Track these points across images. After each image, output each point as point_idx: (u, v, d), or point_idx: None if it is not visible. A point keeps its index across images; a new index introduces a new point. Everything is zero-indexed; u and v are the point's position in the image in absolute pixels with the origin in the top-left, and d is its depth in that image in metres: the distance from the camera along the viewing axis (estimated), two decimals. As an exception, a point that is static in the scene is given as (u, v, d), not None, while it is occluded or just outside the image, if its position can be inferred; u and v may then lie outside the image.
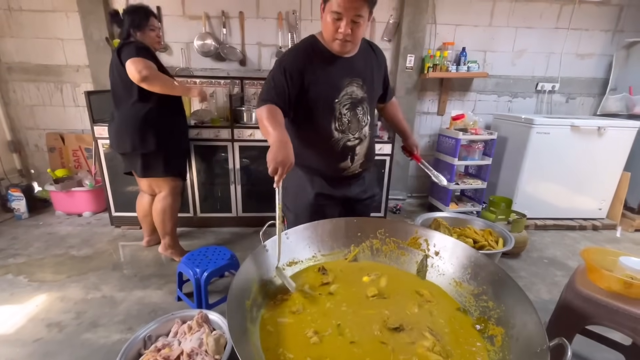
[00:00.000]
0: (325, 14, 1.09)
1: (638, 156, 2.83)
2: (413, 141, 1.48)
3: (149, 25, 1.92)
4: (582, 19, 3.05)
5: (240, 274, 0.87)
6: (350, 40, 1.11)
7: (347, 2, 1.02)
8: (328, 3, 1.06)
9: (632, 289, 1.13)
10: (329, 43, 1.14)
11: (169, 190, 2.11)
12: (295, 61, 1.16)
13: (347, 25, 1.06)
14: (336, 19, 1.06)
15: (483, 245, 1.40)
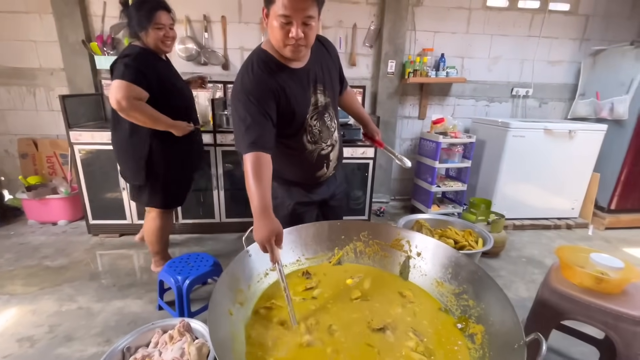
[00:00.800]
0: (270, 20, 0.98)
1: (606, 158, 2.99)
2: (373, 127, 1.46)
3: (153, 22, 1.59)
4: (552, 28, 3.20)
5: (222, 280, 0.86)
6: (304, 44, 1.01)
7: (295, 3, 0.92)
8: (272, 7, 0.95)
9: (603, 284, 1.18)
10: (280, 50, 1.03)
11: (157, 213, 1.92)
12: (262, 86, 1.03)
13: (298, 29, 0.96)
14: (285, 23, 0.96)
15: (463, 245, 1.44)
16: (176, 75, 1.84)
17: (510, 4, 3.11)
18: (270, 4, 0.96)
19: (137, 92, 1.55)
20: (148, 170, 1.75)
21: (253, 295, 0.97)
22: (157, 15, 1.60)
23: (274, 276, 1.06)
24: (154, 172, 1.76)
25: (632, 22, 3.26)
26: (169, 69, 1.78)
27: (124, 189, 2.52)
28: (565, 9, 3.17)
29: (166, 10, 1.64)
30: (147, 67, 1.59)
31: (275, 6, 0.94)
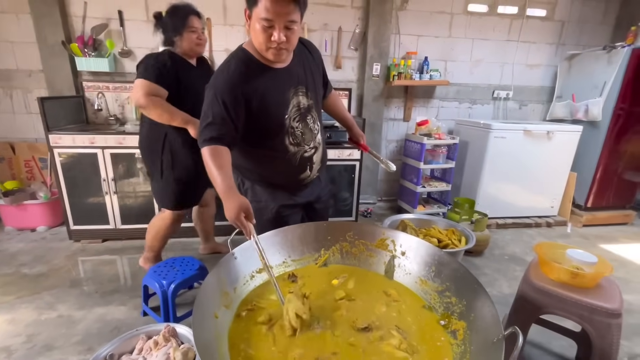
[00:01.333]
0: (253, 22, 0.99)
1: (582, 158, 3.11)
2: (358, 131, 1.45)
3: (187, 26, 1.72)
4: (530, 33, 3.32)
5: (207, 284, 0.85)
6: (286, 47, 1.02)
7: (278, 7, 0.92)
8: (255, 9, 0.95)
9: (578, 278, 1.23)
10: (262, 52, 1.04)
11: (168, 214, 1.94)
12: (234, 89, 1.04)
13: (280, 32, 0.97)
14: (267, 27, 0.96)
15: (447, 244, 1.47)
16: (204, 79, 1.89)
17: (490, 9, 3.20)
18: (253, 7, 0.96)
19: (155, 89, 1.63)
20: (161, 168, 1.82)
21: (239, 298, 0.97)
22: (191, 20, 1.71)
23: (260, 279, 1.06)
24: (165, 170, 1.83)
25: (605, 28, 3.41)
26: (197, 73, 1.82)
27: (106, 193, 2.47)
28: (542, 14, 3.29)
29: (197, 15, 1.76)
30: (167, 68, 1.67)
31: (258, 9, 0.95)
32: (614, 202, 3.19)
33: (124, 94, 2.83)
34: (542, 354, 1.60)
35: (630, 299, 2.05)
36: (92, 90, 2.79)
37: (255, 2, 0.95)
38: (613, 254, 2.66)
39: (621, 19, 3.32)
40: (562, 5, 3.29)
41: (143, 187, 2.53)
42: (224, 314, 0.87)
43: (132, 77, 2.85)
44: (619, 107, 2.86)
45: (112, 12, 2.70)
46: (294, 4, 0.94)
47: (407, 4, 3.06)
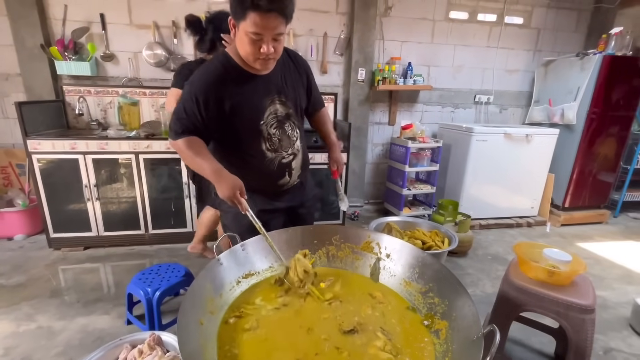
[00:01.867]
0: (240, 33, 1.00)
1: (559, 160, 3.23)
2: (336, 156, 1.40)
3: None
4: (508, 40, 3.44)
5: (192, 290, 0.85)
6: (273, 57, 1.05)
7: (267, 21, 0.95)
8: (242, 22, 0.97)
9: (554, 277, 1.29)
10: (249, 62, 1.07)
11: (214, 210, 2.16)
12: (209, 89, 1.06)
13: (269, 45, 0.99)
14: (256, 40, 0.98)
15: (431, 245, 1.51)
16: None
17: (471, 16, 3.31)
18: (240, 20, 0.97)
19: None
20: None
21: (225, 304, 0.97)
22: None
23: (246, 284, 1.07)
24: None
25: (578, 35, 3.57)
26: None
27: (88, 200, 2.41)
28: (520, 22, 3.42)
29: None
30: None
31: (246, 23, 0.96)
32: (589, 202, 3.33)
33: (106, 98, 2.78)
34: (522, 350, 1.65)
35: (604, 295, 2.14)
36: (73, 95, 2.72)
37: (243, 16, 0.95)
38: (589, 252, 2.77)
39: (593, 27, 3.49)
40: (537, 14, 3.42)
41: (127, 192, 2.48)
42: (210, 321, 0.87)
43: (114, 81, 2.82)
44: (592, 111, 3.00)
45: (93, 15, 2.66)
46: (281, 18, 0.96)
47: (391, 10, 3.13)
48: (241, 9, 0.94)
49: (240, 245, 1.11)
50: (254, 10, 0.93)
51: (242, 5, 0.94)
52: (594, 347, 1.64)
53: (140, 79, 2.85)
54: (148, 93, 2.82)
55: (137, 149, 2.42)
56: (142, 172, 2.45)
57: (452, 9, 3.25)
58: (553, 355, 1.62)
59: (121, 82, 2.81)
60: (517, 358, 1.60)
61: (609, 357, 1.63)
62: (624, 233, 3.18)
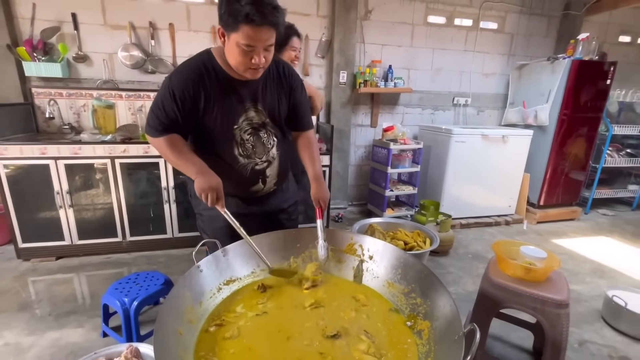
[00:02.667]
0: (231, 43, 0.99)
1: (533, 159, 3.36)
2: (320, 193, 1.21)
3: (289, 45, 1.89)
4: (484, 44, 3.55)
5: (170, 299, 0.82)
6: (263, 67, 1.05)
7: (259, 34, 0.95)
8: (234, 34, 0.96)
9: (531, 273, 1.33)
10: (239, 71, 1.05)
11: None
12: (186, 85, 1.05)
13: (260, 56, 1.00)
14: (248, 51, 0.98)
15: (413, 246, 1.53)
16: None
17: (448, 21, 3.40)
18: (232, 31, 0.96)
19: None
20: None
21: (205, 312, 0.94)
22: (293, 40, 1.90)
23: (228, 291, 1.04)
24: None
25: (548, 40, 3.73)
26: None
27: (61, 207, 2.31)
28: (494, 27, 3.54)
29: (299, 36, 1.93)
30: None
31: (238, 35, 0.95)
32: (562, 200, 3.47)
33: (79, 101, 2.67)
34: (503, 346, 1.70)
35: (578, 289, 2.23)
36: (42, 97, 2.60)
37: (235, 27, 0.95)
38: (563, 247, 2.88)
39: (562, 33, 3.65)
40: (510, 19, 3.56)
41: (102, 199, 2.39)
42: (189, 330, 0.84)
43: (88, 83, 2.71)
44: (562, 113, 3.13)
45: (64, 14, 2.55)
46: (273, 30, 0.97)
47: (371, 14, 3.17)
48: (233, 21, 0.94)
49: (221, 251, 1.08)
50: (247, 23, 0.93)
51: (235, 18, 0.93)
52: (569, 340, 1.70)
53: (116, 81, 2.76)
54: (124, 96, 2.74)
55: (113, 153, 2.34)
56: (118, 177, 2.37)
57: (430, 13, 3.32)
58: (531, 349, 1.67)
59: (95, 84, 2.71)
60: (497, 354, 1.64)
61: (583, 349, 1.70)
62: (594, 229, 3.33)
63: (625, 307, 1.75)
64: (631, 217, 3.67)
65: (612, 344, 1.73)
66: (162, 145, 1.09)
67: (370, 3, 3.15)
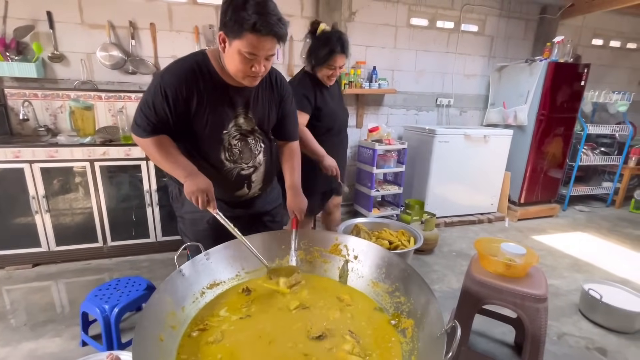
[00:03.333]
0: (232, 51, 0.98)
1: (514, 158, 3.45)
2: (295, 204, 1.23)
3: (328, 63, 1.68)
4: (465, 46, 3.63)
5: (151, 305, 0.81)
6: (262, 75, 1.06)
7: (263, 43, 0.96)
8: (237, 41, 0.95)
9: (511, 269, 1.36)
10: (239, 79, 1.05)
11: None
12: (178, 85, 1.03)
13: (261, 64, 1.01)
14: (249, 59, 0.98)
15: (397, 245, 1.55)
16: (334, 97, 1.89)
17: (430, 23, 3.46)
18: (234, 37, 0.96)
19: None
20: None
21: (188, 317, 0.92)
22: (334, 58, 1.67)
23: (211, 294, 1.03)
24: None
25: (526, 43, 3.85)
26: (329, 92, 1.85)
27: (36, 213, 2.22)
28: (475, 30, 3.62)
29: (344, 53, 1.69)
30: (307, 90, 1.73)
31: (241, 42, 0.95)
32: (541, 197, 3.58)
33: (56, 102, 2.58)
34: (486, 341, 1.73)
35: (557, 284, 2.30)
36: (16, 98, 2.50)
37: (239, 35, 0.94)
38: (543, 244, 2.98)
39: (538, 35, 3.77)
40: (490, 22, 3.65)
41: (82, 203, 2.32)
42: (171, 336, 0.83)
43: (65, 83, 2.62)
44: (540, 113, 3.24)
45: (39, 13, 2.46)
46: (276, 40, 0.98)
47: (355, 15, 3.19)
48: (238, 27, 0.93)
49: (204, 254, 1.07)
50: (252, 32, 0.93)
51: (239, 25, 0.93)
52: (548, 333, 1.76)
53: (94, 81, 2.68)
54: (104, 97, 2.66)
55: (93, 156, 2.27)
56: (98, 180, 2.30)
57: (412, 15, 3.37)
58: (513, 344, 1.72)
59: (73, 84, 2.62)
60: (481, 349, 1.68)
61: (562, 342, 1.75)
62: (571, 225, 3.45)
63: (601, 300, 1.82)
64: (606, 213, 3.82)
65: (589, 336, 1.80)
66: (150, 146, 1.06)
67: (354, 5, 3.17)
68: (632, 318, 1.80)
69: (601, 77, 4.25)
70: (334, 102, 1.89)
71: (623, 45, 4.27)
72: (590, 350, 1.70)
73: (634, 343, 1.75)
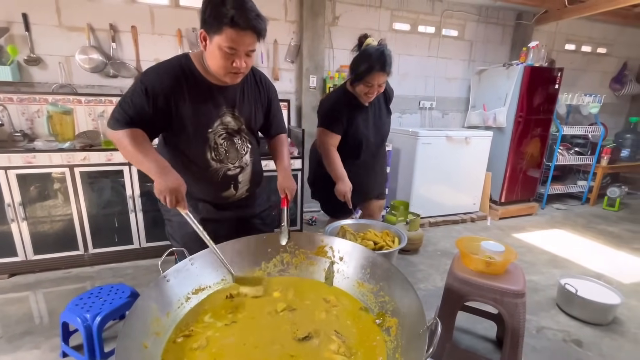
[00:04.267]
0: (212, 46, 1.00)
1: (494, 159, 3.56)
2: (285, 182, 1.29)
3: (365, 80, 1.57)
4: (446, 50, 3.73)
5: (134, 312, 0.80)
6: (243, 72, 1.07)
7: (243, 38, 0.97)
8: (217, 36, 0.97)
9: (491, 266, 1.41)
10: (219, 75, 1.06)
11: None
12: (160, 82, 1.04)
13: (242, 60, 1.02)
14: (230, 54, 1.00)
15: (382, 245, 1.57)
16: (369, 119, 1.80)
17: (412, 28, 3.54)
18: (214, 33, 0.97)
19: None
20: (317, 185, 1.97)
21: (172, 323, 0.92)
22: (372, 77, 1.56)
23: (196, 299, 1.03)
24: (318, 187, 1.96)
25: (504, 47, 3.99)
26: (363, 113, 1.77)
27: (12, 221, 2.14)
28: (455, 34, 3.73)
29: (384, 71, 1.56)
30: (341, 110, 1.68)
31: (221, 38, 0.97)
32: (521, 196, 3.71)
33: (32, 107, 2.50)
34: (470, 337, 1.78)
35: (535, 279, 2.39)
36: (-10, 103, 2.42)
37: (219, 30, 0.96)
38: (523, 241, 3.08)
39: (515, 40, 3.92)
40: (469, 27, 3.77)
41: (61, 210, 2.25)
42: (155, 343, 0.82)
43: (42, 87, 2.55)
44: (518, 115, 3.36)
45: (14, 14, 2.39)
46: (255, 35, 0.99)
47: (338, 20, 3.24)
48: (217, 23, 0.95)
49: (188, 259, 1.06)
50: (231, 27, 0.95)
51: (219, 20, 0.95)
52: (528, 327, 1.83)
53: (73, 85, 2.62)
54: (84, 101, 2.60)
55: (72, 161, 2.21)
56: (78, 186, 2.25)
57: (395, 20, 3.45)
58: (495, 338, 1.77)
59: (51, 88, 2.55)
60: (465, 345, 1.72)
61: (541, 335, 1.82)
62: (549, 222, 3.59)
63: (576, 294, 1.90)
64: (581, 211, 3.98)
65: (566, 329, 1.88)
66: (122, 138, 1.02)
67: (337, 9, 3.21)
68: (606, 310, 1.88)
69: (574, 80, 4.44)
70: (368, 123, 1.78)
71: (593, 50, 4.48)
72: (567, 343, 1.77)
73: (607, 334, 1.84)
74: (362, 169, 1.84)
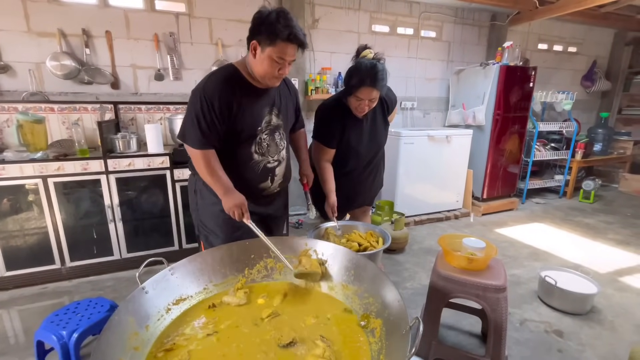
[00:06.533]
0: (263, 56, 1.18)
1: (475, 157, 3.64)
2: (305, 170, 1.64)
3: (355, 95, 1.54)
4: (426, 51, 3.80)
5: (110, 327, 0.77)
6: (284, 76, 1.28)
7: (292, 50, 1.17)
8: (270, 48, 1.15)
9: (473, 263, 1.44)
10: (264, 79, 1.24)
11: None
12: (222, 94, 1.21)
13: (286, 68, 1.22)
14: (277, 63, 1.18)
15: (367, 246, 1.58)
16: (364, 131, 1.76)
17: (391, 30, 3.59)
18: (268, 45, 1.15)
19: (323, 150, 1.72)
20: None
21: (152, 336, 0.89)
22: (361, 91, 1.53)
23: (178, 310, 1.00)
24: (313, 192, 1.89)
25: (480, 48, 4.09)
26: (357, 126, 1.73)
27: (-18, 236, 2.04)
28: (433, 35, 3.80)
29: (374, 87, 1.52)
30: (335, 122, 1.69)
31: (274, 49, 1.15)
32: (502, 192, 3.81)
33: (1, 116, 2.40)
34: (455, 333, 1.81)
35: (518, 273, 2.45)
36: (-46, 113, 2.30)
37: (273, 42, 1.14)
38: (505, 236, 3.15)
39: (491, 41, 4.03)
40: (447, 29, 3.85)
41: (35, 223, 2.16)
42: (133, 358, 0.79)
43: (11, 95, 2.45)
44: (496, 113, 3.45)
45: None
46: (301, 48, 1.20)
47: (318, 22, 3.25)
48: (273, 37, 1.13)
49: (168, 270, 1.04)
50: (285, 41, 1.14)
51: (275, 35, 1.13)
52: (511, 320, 1.87)
53: (45, 92, 2.52)
54: (57, 109, 2.51)
55: (45, 172, 2.13)
56: (53, 198, 2.16)
57: (374, 22, 3.48)
58: (480, 333, 1.80)
59: (21, 96, 2.45)
60: (451, 342, 1.75)
61: (524, 327, 1.87)
62: (530, 216, 3.69)
63: (556, 285, 1.96)
64: (559, 204, 4.12)
65: (547, 320, 1.93)
66: (199, 158, 1.24)
67: (316, 12, 3.22)
68: (584, 300, 1.95)
69: (548, 78, 4.60)
70: (362, 134, 1.75)
71: (565, 49, 4.66)
72: (549, 334, 1.82)
73: (586, 323, 1.90)
74: (351, 178, 1.85)
